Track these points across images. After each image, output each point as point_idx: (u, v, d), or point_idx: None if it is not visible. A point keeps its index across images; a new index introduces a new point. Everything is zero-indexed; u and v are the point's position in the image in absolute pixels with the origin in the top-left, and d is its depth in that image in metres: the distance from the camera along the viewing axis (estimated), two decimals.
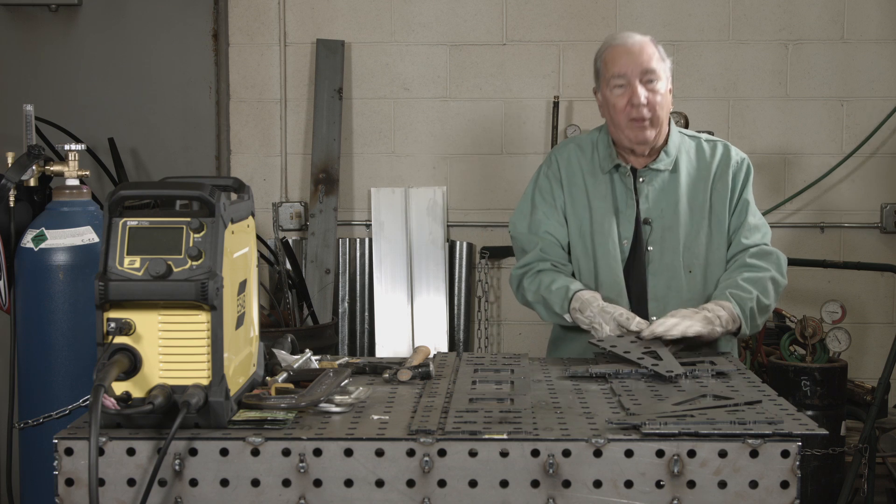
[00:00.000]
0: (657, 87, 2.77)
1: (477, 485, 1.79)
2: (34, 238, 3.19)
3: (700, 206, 2.83)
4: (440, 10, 5.01)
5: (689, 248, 2.81)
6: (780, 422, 1.85)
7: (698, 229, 2.82)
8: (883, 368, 4.14)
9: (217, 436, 1.80)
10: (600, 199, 2.85)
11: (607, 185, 2.85)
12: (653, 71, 2.77)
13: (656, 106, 2.76)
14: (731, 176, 2.85)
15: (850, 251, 5.00)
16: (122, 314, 1.79)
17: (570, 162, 2.90)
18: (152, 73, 4.93)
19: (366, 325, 5.02)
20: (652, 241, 2.81)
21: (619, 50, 2.80)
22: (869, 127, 4.97)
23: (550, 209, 2.89)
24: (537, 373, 2.36)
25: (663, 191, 2.83)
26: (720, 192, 2.84)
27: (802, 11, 4.98)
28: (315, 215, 4.94)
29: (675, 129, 2.89)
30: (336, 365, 2.30)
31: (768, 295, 2.75)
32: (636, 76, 2.76)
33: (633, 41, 2.80)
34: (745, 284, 2.72)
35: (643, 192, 2.83)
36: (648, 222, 2.81)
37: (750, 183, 2.89)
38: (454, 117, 5.02)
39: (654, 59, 2.79)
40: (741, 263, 2.80)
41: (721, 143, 2.91)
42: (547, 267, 2.84)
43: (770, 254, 2.83)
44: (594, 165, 2.88)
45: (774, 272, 2.79)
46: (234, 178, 2.07)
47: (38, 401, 3.18)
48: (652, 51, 2.80)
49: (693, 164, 2.86)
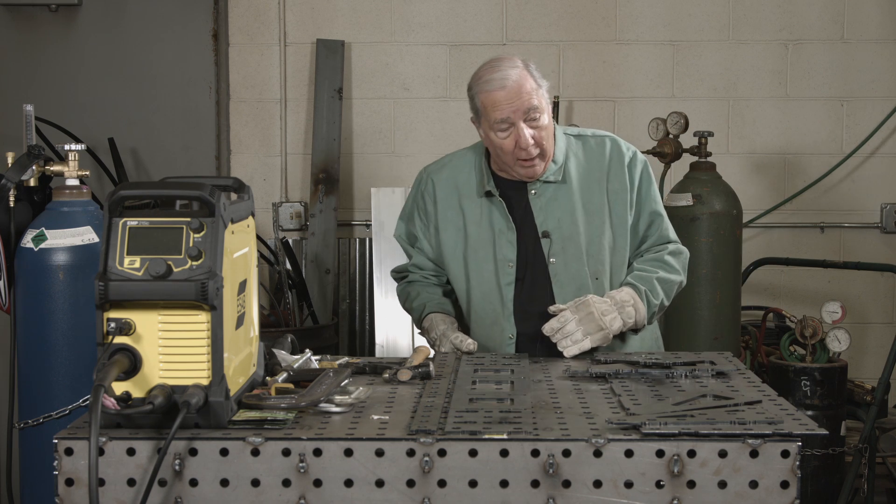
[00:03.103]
0: (541, 123, 2.68)
1: (477, 485, 1.79)
2: (34, 238, 3.19)
3: (598, 209, 2.76)
4: (440, 10, 5.01)
5: (593, 255, 2.74)
6: (780, 422, 1.85)
7: (599, 235, 2.75)
8: (883, 368, 4.14)
9: (217, 436, 1.80)
10: (475, 224, 2.80)
11: (483, 209, 2.80)
12: (535, 108, 2.66)
13: (543, 142, 2.69)
14: (626, 172, 2.77)
15: (850, 251, 5.00)
16: (122, 314, 1.79)
17: (446, 185, 2.86)
18: (152, 73, 4.94)
19: (366, 325, 5.03)
20: (554, 252, 2.73)
21: (499, 95, 2.66)
22: (869, 127, 4.97)
23: (424, 228, 2.92)
24: (537, 373, 2.36)
25: (556, 200, 2.75)
26: (617, 190, 2.77)
27: (802, 11, 4.98)
28: (315, 215, 4.94)
29: (561, 134, 2.81)
30: (336, 365, 2.30)
31: (669, 297, 2.77)
32: (519, 117, 2.66)
33: (510, 81, 2.66)
34: (658, 287, 2.71)
35: (536, 206, 2.76)
36: (547, 235, 2.74)
37: (651, 177, 2.82)
38: (454, 117, 5.02)
39: (534, 94, 2.67)
40: (659, 260, 2.77)
41: (609, 139, 2.82)
42: (417, 278, 2.95)
43: (682, 252, 2.83)
44: (471, 188, 2.83)
45: (683, 276, 2.81)
46: (234, 178, 2.07)
47: (38, 401, 3.18)
48: (530, 85, 2.68)
49: (583, 166, 2.79)
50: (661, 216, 2.83)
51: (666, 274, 2.74)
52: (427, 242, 2.91)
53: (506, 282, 2.75)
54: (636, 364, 2.32)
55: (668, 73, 5.01)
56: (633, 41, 4.98)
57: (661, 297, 2.71)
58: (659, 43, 5.00)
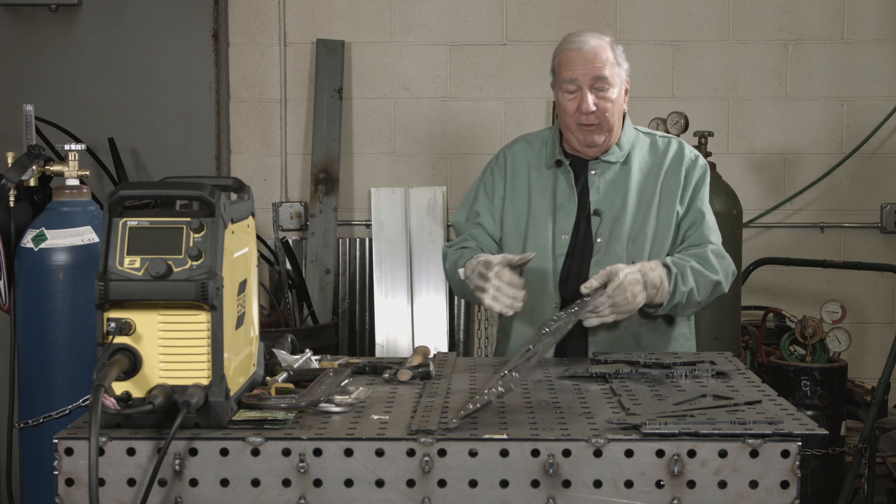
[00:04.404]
0: (608, 95, 2.75)
1: (477, 485, 1.79)
2: (34, 238, 3.19)
3: (648, 199, 2.81)
4: (440, 10, 5.01)
5: (634, 241, 2.78)
6: (780, 422, 1.85)
7: (644, 223, 2.79)
8: (883, 368, 4.14)
9: (217, 436, 1.80)
10: (540, 193, 2.85)
11: (549, 180, 2.86)
12: (604, 78, 2.73)
13: (606, 112, 2.75)
14: (683, 172, 2.82)
15: (850, 251, 5.00)
16: (122, 314, 1.79)
17: (516, 157, 2.92)
18: (152, 73, 4.93)
19: (366, 325, 5.03)
20: (601, 232, 2.79)
21: (573, 54, 2.75)
22: (869, 127, 4.97)
23: (488, 203, 2.91)
24: (537, 373, 2.36)
25: (614, 183, 2.82)
26: (671, 186, 2.82)
27: (802, 11, 4.98)
28: (315, 215, 4.94)
29: (630, 125, 2.88)
30: (336, 365, 2.30)
31: (702, 292, 2.69)
32: (587, 83, 2.74)
33: (588, 46, 2.75)
34: (690, 275, 2.66)
35: (594, 184, 2.82)
36: (598, 213, 2.80)
37: (706, 183, 2.84)
38: (454, 117, 5.02)
39: (608, 66, 2.74)
40: (700, 255, 2.75)
41: (675, 140, 2.89)
42: (472, 245, 2.87)
43: (725, 258, 2.80)
44: (540, 161, 2.89)
45: (722, 278, 2.74)
46: (234, 178, 2.07)
47: (38, 401, 3.18)
48: (607, 56, 2.75)
49: (646, 160, 2.85)
50: (705, 218, 2.83)
51: (701, 267, 2.71)
52: (490, 216, 2.90)
53: (559, 252, 2.79)
54: (636, 364, 2.32)
55: (668, 73, 5.01)
56: (633, 41, 4.98)
57: (690, 286, 2.65)
58: (659, 43, 5.00)
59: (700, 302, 2.70)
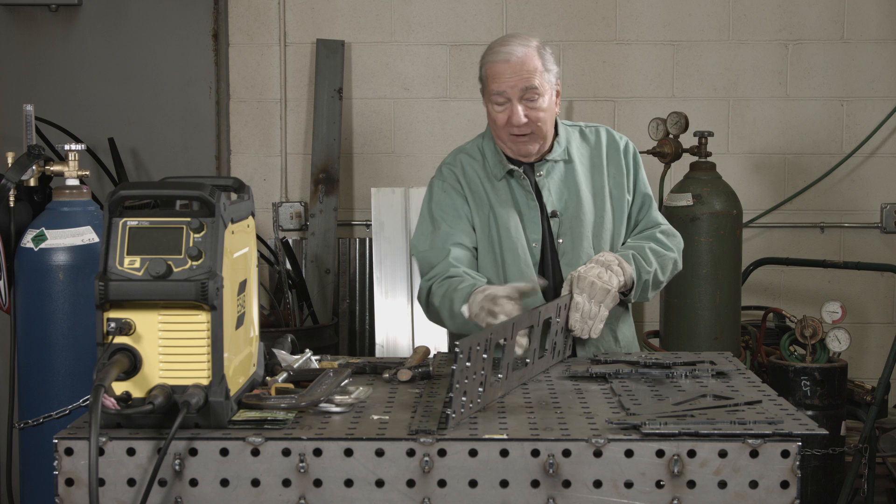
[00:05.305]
0: (538, 105, 2.68)
1: (477, 485, 1.79)
2: (34, 238, 3.19)
3: (600, 192, 2.80)
4: (440, 10, 5.01)
5: (598, 236, 2.78)
6: (780, 422, 1.85)
7: (603, 216, 2.79)
8: (883, 368, 4.14)
9: (217, 436, 1.80)
10: (500, 206, 2.77)
11: (505, 190, 2.79)
12: (534, 88, 2.66)
13: (538, 122, 2.70)
14: (622, 159, 2.83)
15: (850, 251, 5.00)
16: (122, 314, 1.79)
17: (466, 172, 2.83)
18: (152, 73, 4.93)
19: (366, 325, 5.02)
20: (562, 233, 2.76)
21: (500, 67, 2.67)
22: (869, 127, 4.97)
23: (455, 220, 2.78)
24: (537, 373, 2.36)
25: (564, 181, 2.80)
26: (615, 176, 2.82)
27: (802, 11, 4.98)
28: (315, 215, 4.94)
29: (560, 123, 2.84)
30: (336, 365, 2.30)
31: (664, 272, 2.76)
32: (516, 95, 2.67)
33: (515, 57, 2.66)
34: (651, 256, 2.72)
35: (545, 186, 2.78)
36: (556, 215, 2.77)
37: (641, 164, 2.88)
38: (454, 117, 5.02)
39: (537, 75, 2.67)
40: (651, 236, 2.80)
41: (603, 129, 2.88)
42: (459, 273, 2.68)
43: (675, 235, 2.86)
44: (489, 173, 2.81)
45: (677, 255, 2.81)
46: (234, 178, 2.07)
47: (38, 401, 3.18)
48: (535, 64, 2.67)
49: (583, 153, 2.84)
50: (652, 200, 2.89)
51: (657, 247, 2.77)
52: (463, 233, 2.78)
53: (534, 261, 2.77)
54: (636, 364, 2.33)
55: (668, 73, 5.01)
56: (633, 41, 4.98)
57: (654, 267, 2.70)
58: (659, 43, 5.00)
59: (662, 282, 2.77)
